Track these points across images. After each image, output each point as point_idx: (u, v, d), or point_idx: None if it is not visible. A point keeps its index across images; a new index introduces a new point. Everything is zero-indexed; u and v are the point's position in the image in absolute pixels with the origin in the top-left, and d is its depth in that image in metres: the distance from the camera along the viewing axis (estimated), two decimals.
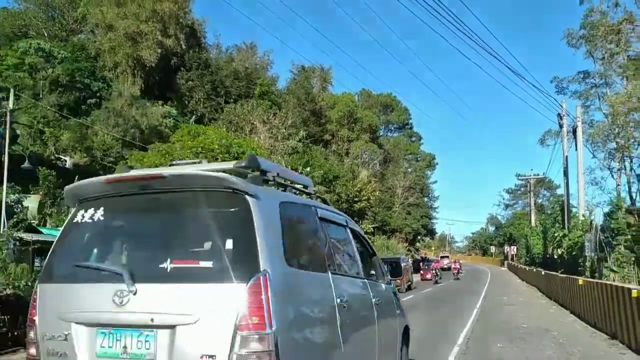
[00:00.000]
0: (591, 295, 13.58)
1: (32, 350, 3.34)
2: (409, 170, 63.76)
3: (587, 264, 21.30)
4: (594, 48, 32.67)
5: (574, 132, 28.33)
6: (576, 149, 27.76)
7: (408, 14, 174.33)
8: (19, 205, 20.25)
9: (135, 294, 3.01)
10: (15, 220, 18.19)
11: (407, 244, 58.77)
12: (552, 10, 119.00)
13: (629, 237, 18.92)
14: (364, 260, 4.99)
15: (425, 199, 66.95)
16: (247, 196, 3.15)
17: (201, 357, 2.85)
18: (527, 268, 38.03)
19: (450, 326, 13.41)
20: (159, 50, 34.40)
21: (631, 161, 34.19)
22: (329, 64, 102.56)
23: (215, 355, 2.84)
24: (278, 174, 3.81)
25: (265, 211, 3.21)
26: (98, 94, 32.62)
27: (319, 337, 3.51)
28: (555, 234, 29.98)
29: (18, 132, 26.93)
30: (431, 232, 73.60)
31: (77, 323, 3.15)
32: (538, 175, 53.81)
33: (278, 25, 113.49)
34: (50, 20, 38.86)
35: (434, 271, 36.85)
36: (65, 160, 28.80)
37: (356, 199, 34.59)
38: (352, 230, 4.96)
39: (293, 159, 31.79)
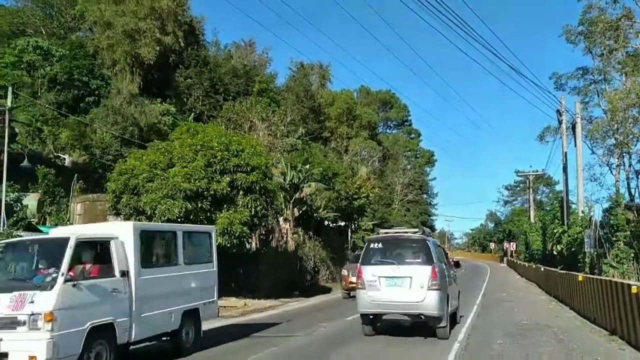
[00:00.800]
0: (591, 291, 13.62)
1: (360, 285, 10.87)
2: (408, 167, 63.83)
3: (587, 260, 21.34)
4: (593, 44, 32.59)
5: (573, 128, 28.33)
6: (575, 145, 27.76)
7: (406, 10, 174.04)
8: (19, 204, 20.27)
9: (398, 267, 10.58)
10: (14, 218, 18.22)
11: None
12: (551, 6, 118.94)
13: (628, 233, 18.96)
14: None
15: (425, 196, 67.06)
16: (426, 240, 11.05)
17: (421, 286, 10.20)
18: (527, 264, 38.08)
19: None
20: (158, 48, 34.30)
21: (630, 157, 34.16)
22: (328, 61, 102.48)
23: (423, 285, 10.20)
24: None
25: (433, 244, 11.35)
26: (96, 92, 32.56)
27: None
28: (555, 230, 29.98)
29: (17, 130, 26.91)
30: (430, 229, 73.56)
31: (380, 276, 10.57)
32: (537, 171, 53.80)
33: (276, 22, 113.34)
34: (48, 18, 38.78)
35: None
36: (64, 159, 28.77)
37: (355, 196, 34.56)
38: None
39: (292, 156, 31.74)
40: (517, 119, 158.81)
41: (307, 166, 29.11)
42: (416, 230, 12.17)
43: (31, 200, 21.10)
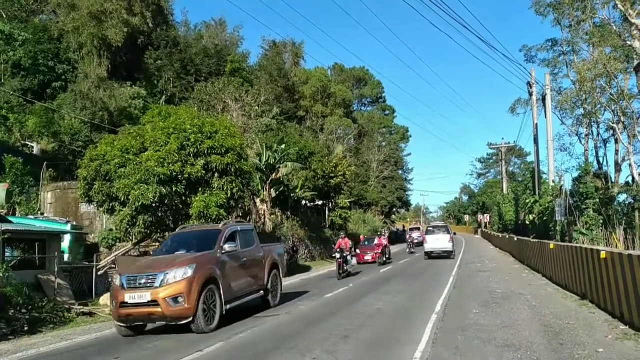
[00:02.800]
0: (562, 259, 14.02)
1: (425, 241, 29.20)
2: (383, 143, 64.03)
3: (558, 228, 21.94)
4: (562, 16, 32.93)
5: (543, 99, 28.80)
6: (545, 116, 28.27)
7: None
8: None
9: (438, 235, 28.89)
10: None
11: (383, 216, 59.45)
12: None
13: (597, 200, 19.55)
14: None
15: (400, 172, 67.50)
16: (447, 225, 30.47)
17: (447, 241, 27.99)
18: (500, 235, 38.93)
19: (427, 294, 13.73)
20: (125, 29, 33.36)
21: (598, 126, 35.00)
22: (301, 38, 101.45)
23: (447, 241, 27.97)
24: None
25: (449, 227, 31.19)
26: (63, 77, 31.65)
27: None
28: (527, 201, 30.72)
29: None
30: (406, 204, 74.40)
31: (431, 238, 28.67)
32: (509, 143, 54.78)
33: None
34: (8, 1, 37.25)
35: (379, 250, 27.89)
36: (32, 147, 28.03)
37: (332, 175, 34.65)
38: None
39: (267, 137, 31.56)
40: (489, 92, 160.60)
41: (283, 146, 29.01)
42: (445, 223, 33.62)
43: None
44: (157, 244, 19.46)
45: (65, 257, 17.76)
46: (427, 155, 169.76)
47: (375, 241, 29.07)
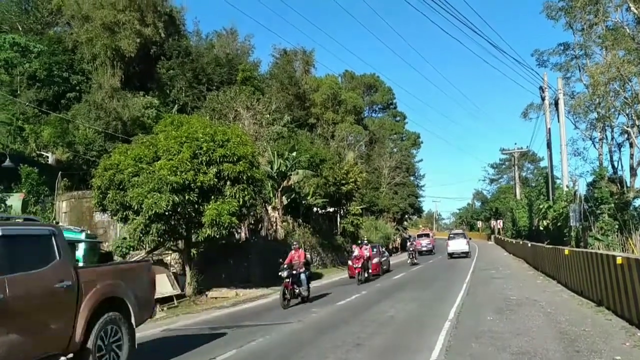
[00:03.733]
0: (577, 265, 13.85)
1: (447, 245, 37.23)
2: (395, 150, 63.91)
3: (572, 233, 21.69)
4: (573, 19, 32.77)
5: (556, 104, 28.61)
6: (558, 121, 28.09)
7: None
8: (2, 205, 20.01)
9: (457, 239, 37.33)
10: None
11: (395, 223, 59.18)
12: None
13: (612, 205, 19.33)
14: None
15: (412, 178, 67.27)
16: (464, 232, 40.63)
17: (465, 244, 36.52)
18: (514, 241, 38.58)
19: (440, 302, 13.63)
20: (138, 40, 33.77)
21: (612, 130, 34.65)
22: (311, 47, 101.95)
23: (465, 244, 36.49)
24: None
25: (466, 234, 41.41)
26: (77, 88, 32.07)
27: None
28: (540, 206, 30.41)
29: None
30: (418, 211, 74.04)
31: (453, 241, 36.93)
32: (522, 148, 54.34)
33: (257, 8, 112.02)
34: (24, 14, 37.91)
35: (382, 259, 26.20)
36: (47, 157, 28.43)
37: (343, 182, 34.65)
38: None
39: (279, 144, 31.68)
40: (501, 97, 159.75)
41: (294, 153, 29.09)
42: (462, 231, 45.25)
43: (15, 201, 20.84)
44: (170, 252, 19.62)
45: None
46: (439, 162, 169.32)
47: (355, 253, 21.97)
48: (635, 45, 26.36)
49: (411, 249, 33.46)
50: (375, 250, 25.36)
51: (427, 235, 48.22)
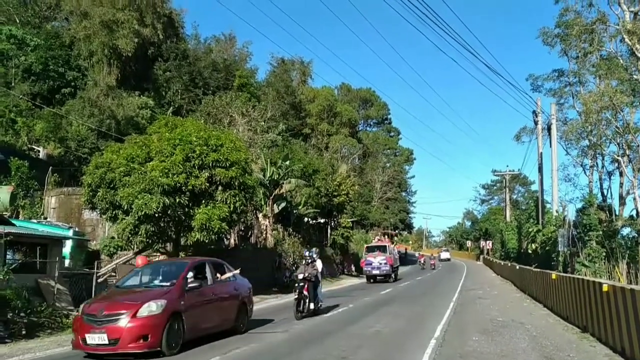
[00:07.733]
0: (564, 290, 13.88)
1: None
2: (388, 165, 64.20)
3: (560, 258, 21.80)
4: (569, 47, 33.20)
5: (549, 129, 28.89)
6: (550, 146, 28.37)
7: (387, 9, 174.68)
8: None
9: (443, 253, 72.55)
10: None
11: (386, 237, 59.22)
12: (528, 8, 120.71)
13: (600, 232, 19.46)
14: None
15: (403, 194, 67.54)
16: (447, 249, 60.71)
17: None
18: (502, 262, 38.64)
19: (426, 320, 13.58)
20: (136, 40, 33.75)
21: (603, 159, 35.04)
22: (309, 57, 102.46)
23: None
24: None
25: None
26: (73, 84, 31.93)
27: None
28: (530, 229, 30.56)
29: None
30: (409, 227, 74.32)
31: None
32: (513, 171, 54.74)
33: (257, 16, 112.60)
34: (22, 6, 37.79)
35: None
36: (39, 151, 28.17)
37: (335, 193, 34.66)
38: None
39: (272, 153, 31.65)
40: (495, 119, 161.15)
41: (287, 162, 29.06)
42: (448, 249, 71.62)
43: (3, 193, 20.58)
44: (158, 254, 19.44)
45: (66, 262, 17.70)
46: (431, 179, 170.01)
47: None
48: (628, 76, 26.75)
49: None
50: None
51: (382, 250, 29.78)
